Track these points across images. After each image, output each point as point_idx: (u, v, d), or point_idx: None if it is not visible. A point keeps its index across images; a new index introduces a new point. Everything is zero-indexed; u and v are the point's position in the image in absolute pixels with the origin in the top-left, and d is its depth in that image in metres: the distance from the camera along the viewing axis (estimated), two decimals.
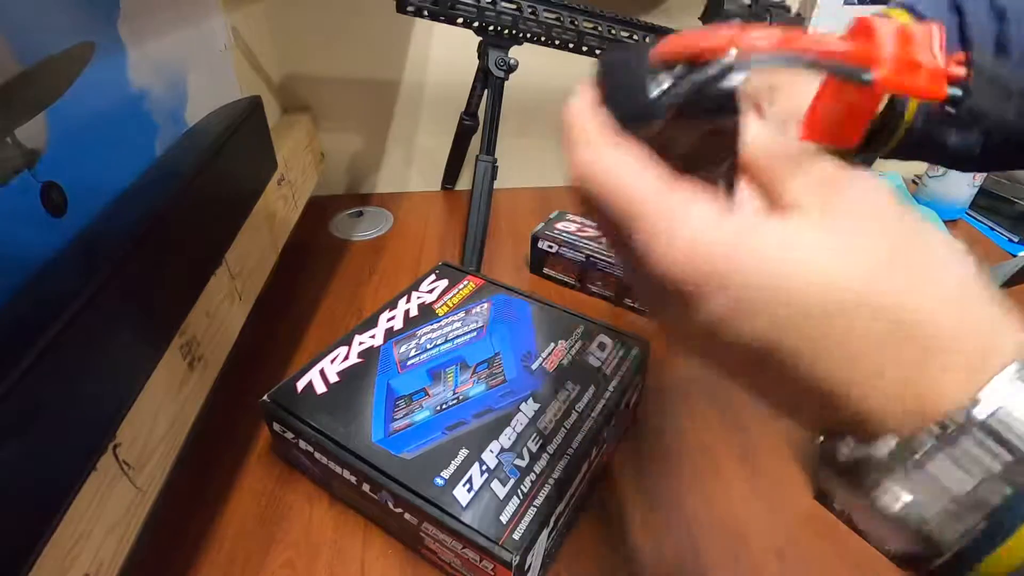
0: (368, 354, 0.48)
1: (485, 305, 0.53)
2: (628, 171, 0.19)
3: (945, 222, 0.77)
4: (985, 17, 0.33)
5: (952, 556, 0.16)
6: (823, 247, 0.17)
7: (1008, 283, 0.49)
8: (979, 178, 0.78)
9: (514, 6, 0.58)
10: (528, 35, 0.60)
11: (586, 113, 0.20)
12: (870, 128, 0.28)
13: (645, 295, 0.21)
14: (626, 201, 0.18)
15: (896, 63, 0.17)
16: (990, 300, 0.17)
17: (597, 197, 0.19)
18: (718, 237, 0.17)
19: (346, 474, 0.41)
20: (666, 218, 0.18)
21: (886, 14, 0.33)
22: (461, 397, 0.44)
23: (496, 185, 0.65)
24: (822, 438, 0.19)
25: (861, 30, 0.18)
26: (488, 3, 0.57)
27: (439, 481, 0.38)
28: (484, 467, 0.39)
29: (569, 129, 0.21)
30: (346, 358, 0.47)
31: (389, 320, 0.51)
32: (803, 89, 0.22)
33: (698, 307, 0.17)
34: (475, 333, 0.49)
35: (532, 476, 0.39)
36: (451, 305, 0.53)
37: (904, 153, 0.36)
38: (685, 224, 0.17)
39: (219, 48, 0.51)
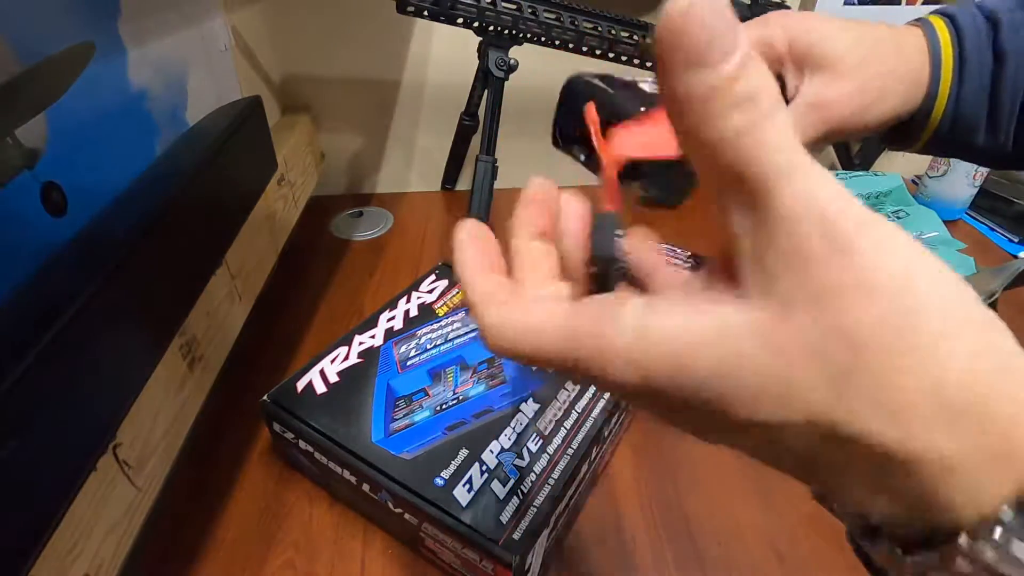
0: (368, 354, 0.48)
1: None
2: (536, 328, 0.17)
3: (945, 222, 0.77)
4: (1019, 30, 0.33)
5: None
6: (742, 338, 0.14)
7: (1010, 285, 0.49)
8: (979, 178, 0.78)
9: (514, 6, 0.58)
10: (528, 35, 0.60)
11: (474, 284, 0.19)
12: (899, 120, 0.33)
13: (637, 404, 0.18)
14: (547, 357, 0.17)
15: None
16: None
17: (522, 361, 0.18)
18: (654, 333, 0.15)
19: (346, 474, 0.41)
20: (598, 351, 0.16)
21: (929, 20, 0.34)
22: (461, 397, 0.44)
23: (496, 185, 0.65)
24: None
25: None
26: (488, 3, 0.57)
27: (439, 481, 0.38)
28: (484, 467, 0.39)
29: (464, 290, 0.20)
30: (346, 358, 0.47)
31: (389, 320, 0.51)
32: None
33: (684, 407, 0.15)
34: (475, 333, 0.49)
35: (532, 476, 0.39)
36: (451, 305, 0.53)
37: (938, 150, 0.36)
38: (618, 344, 0.15)
39: (219, 48, 0.51)
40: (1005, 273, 0.51)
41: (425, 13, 0.56)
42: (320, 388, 0.45)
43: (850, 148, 0.90)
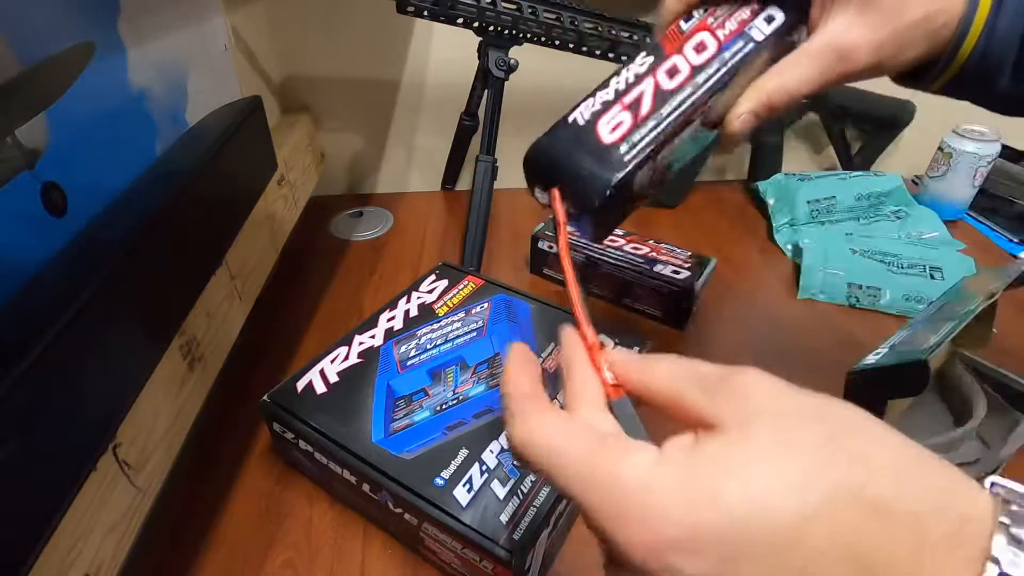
0: (368, 354, 0.48)
1: (485, 305, 0.53)
2: (555, 438, 0.20)
3: (945, 222, 0.77)
4: None
5: None
6: (757, 475, 0.17)
7: (1010, 285, 0.49)
8: (979, 178, 0.78)
9: (514, 6, 0.58)
10: (528, 35, 0.60)
11: (518, 384, 0.23)
12: (923, 62, 0.30)
13: (614, 566, 0.20)
14: (556, 471, 0.19)
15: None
16: (937, 473, 0.16)
17: (531, 465, 0.21)
18: (666, 499, 0.17)
19: (346, 474, 0.41)
20: (605, 488, 0.18)
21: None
22: (461, 397, 0.44)
23: (496, 185, 0.65)
24: None
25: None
26: (488, 3, 0.57)
27: (439, 481, 0.38)
28: (484, 467, 0.39)
29: (503, 391, 0.23)
30: (346, 358, 0.47)
31: (389, 320, 0.51)
32: None
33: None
34: (475, 333, 0.49)
35: (532, 476, 0.39)
36: (451, 305, 0.53)
37: (953, 91, 0.34)
38: (628, 497, 0.18)
39: (219, 48, 0.51)
40: (1005, 273, 0.51)
41: (425, 13, 0.57)
42: (320, 388, 0.45)
43: (850, 148, 0.90)
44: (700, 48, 0.30)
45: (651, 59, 0.30)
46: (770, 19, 0.30)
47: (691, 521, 0.16)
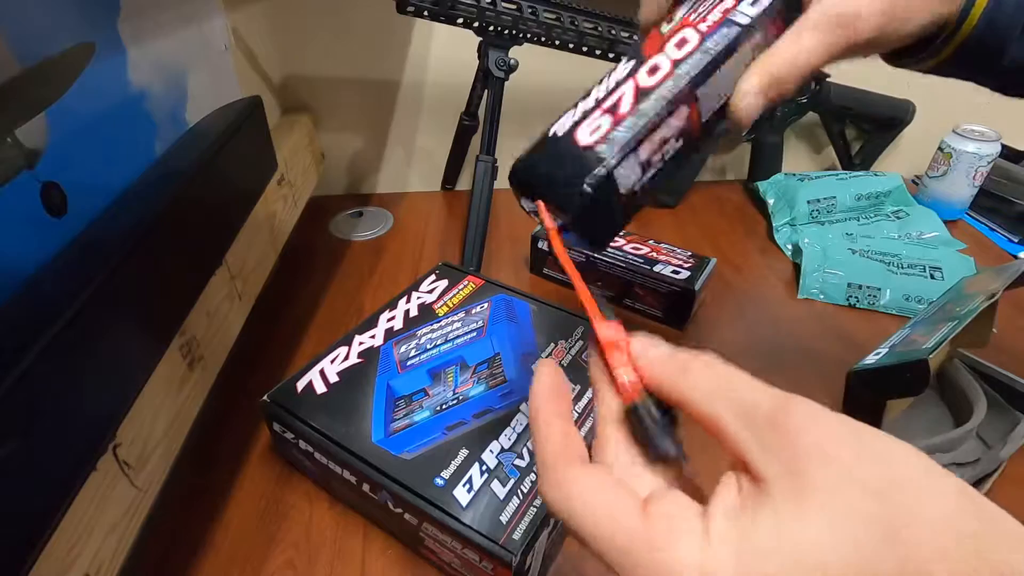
0: (368, 354, 0.48)
1: (485, 305, 0.53)
2: (594, 495, 0.19)
3: (945, 222, 0.77)
4: None
5: None
6: (808, 542, 0.16)
7: (1010, 285, 0.49)
8: (979, 178, 0.78)
9: (514, 6, 0.58)
10: (528, 35, 0.60)
11: (548, 434, 0.21)
12: (925, 35, 0.30)
13: None
14: (609, 557, 0.18)
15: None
16: (1002, 530, 0.16)
17: (565, 525, 0.19)
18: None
19: (346, 474, 0.41)
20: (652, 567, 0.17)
21: None
22: (461, 397, 0.44)
23: (496, 185, 0.65)
24: None
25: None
26: (488, 3, 0.57)
27: (439, 481, 0.38)
28: (484, 467, 0.39)
29: (534, 437, 0.21)
30: (346, 358, 0.47)
31: (389, 320, 0.51)
32: None
33: None
34: (475, 333, 0.49)
35: (532, 476, 0.39)
36: (451, 305, 0.53)
37: (954, 67, 0.33)
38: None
39: (219, 48, 0.51)
40: (1005, 273, 0.51)
41: (425, 13, 0.57)
42: (320, 388, 0.45)
43: (850, 148, 0.90)
44: (681, 43, 0.28)
45: (632, 63, 0.29)
46: (755, 1, 0.29)
47: None
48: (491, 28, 0.58)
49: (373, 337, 0.49)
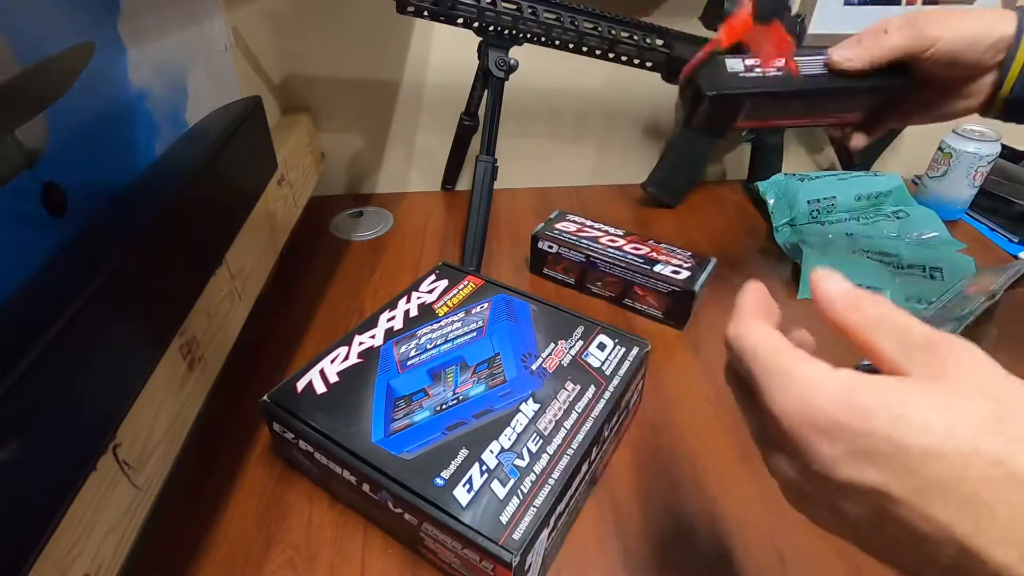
0: (368, 354, 0.48)
1: (485, 305, 0.53)
2: (761, 337, 0.23)
3: (945, 222, 0.77)
4: None
5: None
6: (935, 406, 0.18)
7: (1011, 286, 0.49)
8: (979, 178, 0.78)
9: (514, 6, 0.58)
10: (528, 35, 0.60)
11: (749, 299, 0.26)
12: (981, 100, 0.45)
13: (766, 442, 0.24)
14: (752, 358, 0.23)
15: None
16: None
17: (736, 353, 0.24)
18: (826, 390, 0.20)
19: (346, 474, 0.41)
20: (782, 372, 0.21)
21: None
22: (461, 397, 0.44)
23: (496, 185, 0.65)
24: None
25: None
26: (488, 3, 0.57)
27: (439, 481, 0.38)
28: (484, 467, 0.39)
29: (735, 310, 0.26)
30: (346, 358, 0.47)
31: (389, 320, 0.51)
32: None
33: (811, 454, 0.20)
34: (475, 333, 0.49)
35: (532, 476, 0.39)
36: (451, 305, 0.53)
37: (1009, 115, 0.45)
38: (796, 379, 0.21)
39: (219, 48, 0.51)
40: (1005, 273, 0.51)
41: (425, 13, 0.56)
42: (320, 388, 0.45)
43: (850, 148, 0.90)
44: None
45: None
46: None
47: (837, 415, 0.19)
48: (491, 28, 0.58)
49: (373, 337, 0.49)
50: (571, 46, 0.61)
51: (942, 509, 0.17)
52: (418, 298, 0.54)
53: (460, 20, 0.58)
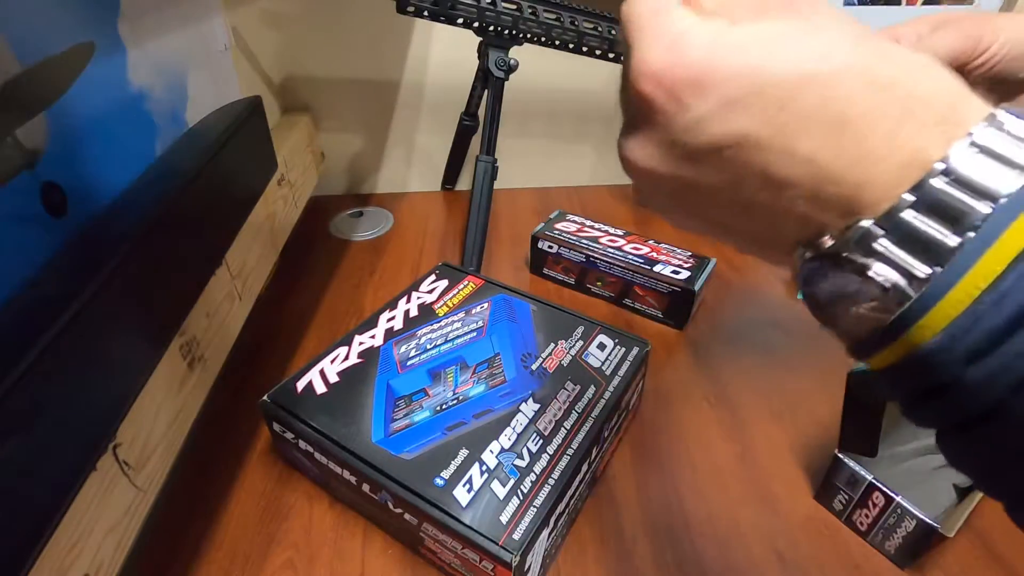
0: (368, 354, 0.48)
1: (485, 305, 0.53)
2: (649, 3, 0.21)
3: None
4: None
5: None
6: (807, 31, 0.18)
7: None
8: None
9: (514, 6, 0.58)
10: (528, 35, 0.60)
11: None
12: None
13: (628, 127, 0.22)
14: (632, 22, 0.20)
15: None
16: (946, 77, 0.17)
17: (622, 24, 0.21)
18: (697, 36, 0.18)
19: (346, 474, 0.41)
20: (654, 27, 0.19)
21: None
22: (461, 397, 0.44)
23: (496, 185, 0.65)
24: (807, 255, 0.20)
25: None
26: (488, 3, 0.57)
27: (439, 481, 0.38)
28: (484, 467, 0.39)
29: None
30: (346, 358, 0.47)
31: (389, 320, 0.51)
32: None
33: (679, 117, 0.19)
34: (475, 333, 0.49)
35: (532, 476, 0.39)
36: (451, 305, 0.53)
37: None
38: (667, 31, 0.19)
39: (219, 48, 0.51)
40: None
41: (425, 13, 0.57)
42: (320, 388, 0.45)
43: None
44: None
45: None
46: None
47: (709, 58, 0.18)
48: (491, 28, 0.58)
49: (373, 337, 0.49)
50: (571, 46, 0.61)
51: (806, 140, 0.17)
52: (418, 298, 0.54)
53: (460, 20, 0.58)
